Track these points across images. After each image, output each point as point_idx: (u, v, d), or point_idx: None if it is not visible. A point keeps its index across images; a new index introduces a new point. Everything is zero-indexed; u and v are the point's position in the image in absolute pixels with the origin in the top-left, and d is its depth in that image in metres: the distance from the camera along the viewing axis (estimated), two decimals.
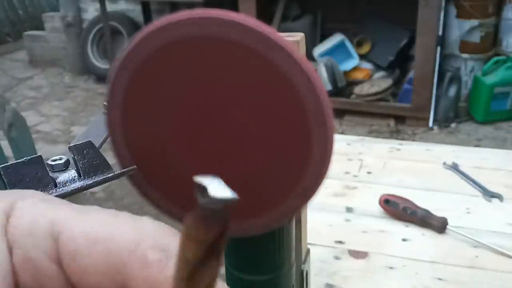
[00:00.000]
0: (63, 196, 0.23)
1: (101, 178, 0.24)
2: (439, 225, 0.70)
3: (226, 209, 0.14)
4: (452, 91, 2.72)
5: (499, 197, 0.78)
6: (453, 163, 0.88)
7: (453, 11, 2.73)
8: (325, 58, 2.90)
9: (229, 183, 0.28)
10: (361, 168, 0.89)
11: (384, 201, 0.75)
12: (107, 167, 0.26)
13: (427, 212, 0.72)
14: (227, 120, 0.26)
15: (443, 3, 2.66)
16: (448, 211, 0.73)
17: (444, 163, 0.89)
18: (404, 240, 0.70)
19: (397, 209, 0.74)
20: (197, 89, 0.26)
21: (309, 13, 3.20)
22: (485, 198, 0.79)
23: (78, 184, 0.23)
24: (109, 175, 0.25)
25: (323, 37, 3.15)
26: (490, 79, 2.63)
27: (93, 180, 0.24)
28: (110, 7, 3.49)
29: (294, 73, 0.24)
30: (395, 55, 2.96)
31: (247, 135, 0.26)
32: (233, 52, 0.25)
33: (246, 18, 0.24)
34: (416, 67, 2.70)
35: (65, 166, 0.25)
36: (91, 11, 3.86)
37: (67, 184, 0.24)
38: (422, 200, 0.74)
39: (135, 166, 0.26)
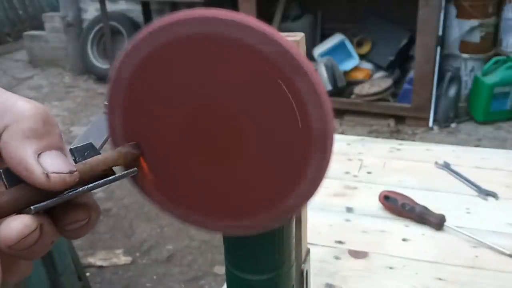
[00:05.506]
0: (64, 199, 0.23)
1: (102, 180, 0.24)
2: (437, 222, 0.71)
3: None
4: (452, 91, 2.72)
5: (494, 195, 0.79)
6: (445, 162, 0.88)
7: (453, 11, 2.73)
8: (325, 58, 2.89)
9: (229, 182, 0.28)
10: (361, 168, 0.89)
11: (384, 197, 0.75)
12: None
13: (425, 208, 0.72)
14: (227, 119, 0.26)
15: (443, 3, 2.65)
16: (448, 210, 0.73)
17: (436, 163, 0.89)
18: (404, 240, 0.70)
19: (396, 205, 0.74)
20: (197, 88, 0.26)
21: (309, 13, 3.20)
22: (480, 197, 0.79)
23: (79, 187, 0.23)
24: (110, 177, 0.24)
25: (323, 37, 3.15)
26: (490, 79, 2.62)
27: (94, 183, 0.24)
28: (110, 7, 3.49)
29: (295, 73, 0.25)
30: (395, 55, 2.96)
31: (247, 135, 0.26)
32: (233, 51, 0.25)
33: (246, 17, 0.25)
34: (416, 67, 2.70)
35: None
36: (91, 11, 3.86)
37: None
38: (422, 200, 0.74)
39: (135, 168, 0.26)
